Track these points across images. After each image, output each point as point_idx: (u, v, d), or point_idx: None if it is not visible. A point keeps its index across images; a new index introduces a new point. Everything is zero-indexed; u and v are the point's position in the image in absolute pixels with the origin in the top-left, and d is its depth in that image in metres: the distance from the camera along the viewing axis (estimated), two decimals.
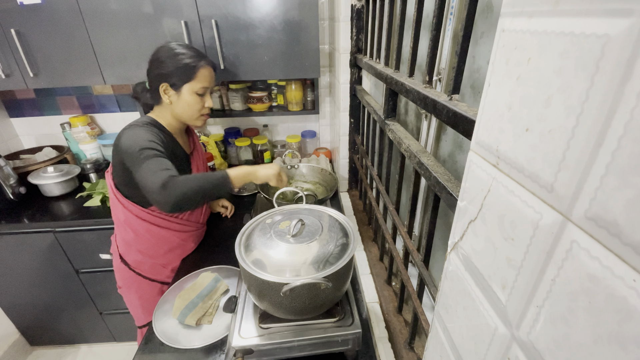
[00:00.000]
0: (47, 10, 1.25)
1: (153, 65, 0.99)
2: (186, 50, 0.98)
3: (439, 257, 0.96)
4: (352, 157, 1.53)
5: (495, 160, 0.30)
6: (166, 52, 0.97)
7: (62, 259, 1.48)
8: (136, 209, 1.05)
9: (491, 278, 0.32)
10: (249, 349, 0.68)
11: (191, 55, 0.98)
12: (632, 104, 0.17)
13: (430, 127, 0.95)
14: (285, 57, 1.38)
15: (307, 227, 0.70)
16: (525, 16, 0.25)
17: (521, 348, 0.28)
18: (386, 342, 0.86)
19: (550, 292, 0.24)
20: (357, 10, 1.19)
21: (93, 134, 1.78)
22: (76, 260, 1.50)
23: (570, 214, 0.22)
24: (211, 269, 1.09)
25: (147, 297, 1.18)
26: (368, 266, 1.14)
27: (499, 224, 0.30)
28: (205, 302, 0.92)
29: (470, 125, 0.44)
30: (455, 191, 0.51)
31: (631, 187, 0.18)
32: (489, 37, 0.68)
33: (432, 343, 0.49)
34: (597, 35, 0.19)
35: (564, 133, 0.22)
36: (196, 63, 0.97)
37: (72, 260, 1.50)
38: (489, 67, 0.31)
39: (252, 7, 1.28)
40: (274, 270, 0.63)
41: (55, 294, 1.59)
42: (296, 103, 1.67)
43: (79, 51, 1.33)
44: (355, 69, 1.30)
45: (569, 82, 0.21)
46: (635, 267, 0.18)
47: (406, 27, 0.86)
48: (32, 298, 1.60)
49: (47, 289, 1.58)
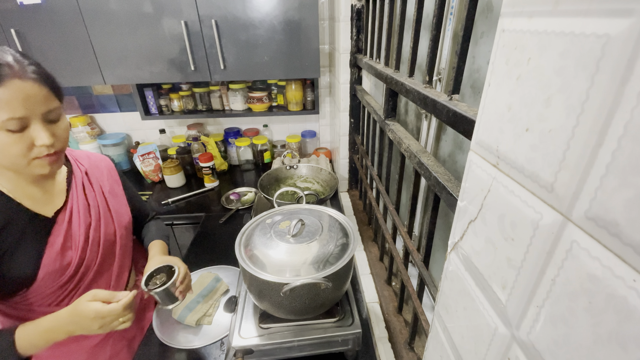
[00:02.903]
0: (47, 10, 1.25)
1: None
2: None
3: (439, 257, 0.96)
4: (352, 157, 1.53)
5: (495, 160, 0.30)
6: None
7: None
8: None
9: (491, 278, 0.32)
10: (249, 349, 0.68)
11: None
12: (632, 103, 0.17)
13: (430, 127, 0.95)
14: (285, 57, 1.38)
15: (307, 227, 0.70)
16: (525, 16, 0.25)
17: (521, 348, 0.28)
18: (386, 342, 0.86)
19: (551, 292, 0.24)
20: (357, 10, 1.18)
21: (93, 134, 1.78)
22: None
23: (570, 214, 0.22)
24: (211, 269, 1.09)
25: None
26: (368, 266, 1.14)
27: (499, 224, 0.30)
28: (205, 302, 0.92)
29: (470, 125, 0.44)
30: (455, 191, 0.51)
31: (631, 187, 0.18)
32: (489, 37, 0.68)
33: (432, 343, 0.49)
34: (597, 35, 0.19)
35: (564, 133, 0.22)
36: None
37: None
38: (489, 67, 0.31)
39: (252, 7, 1.28)
40: (274, 270, 0.63)
41: None
42: (296, 103, 1.67)
43: (79, 51, 1.33)
44: (355, 69, 1.30)
45: (569, 82, 0.21)
46: (635, 267, 0.18)
47: (406, 27, 0.86)
48: None
49: None
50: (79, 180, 0.80)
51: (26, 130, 0.61)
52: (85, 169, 0.83)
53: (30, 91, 0.59)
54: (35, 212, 0.71)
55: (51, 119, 0.64)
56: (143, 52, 1.34)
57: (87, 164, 0.85)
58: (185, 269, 0.80)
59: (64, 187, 0.77)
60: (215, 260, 1.13)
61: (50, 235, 0.72)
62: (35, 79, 0.60)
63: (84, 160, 0.85)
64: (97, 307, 0.64)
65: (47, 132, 0.63)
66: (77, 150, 0.86)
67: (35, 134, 0.62)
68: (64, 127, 0.67)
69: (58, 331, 0.65)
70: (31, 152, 0.63)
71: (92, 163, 0.86)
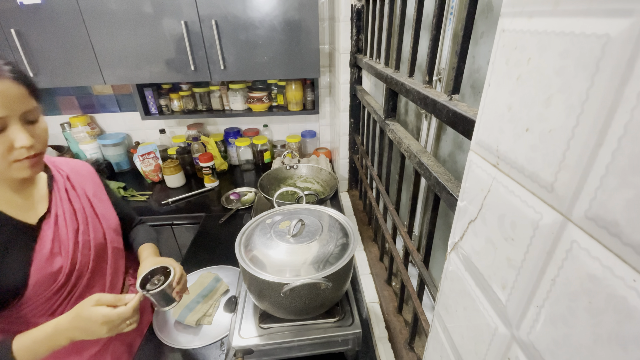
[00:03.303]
0: (47, 10, 1.25)
1: None
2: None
3: (439, 257, 0.96)
4: (352, 157, 1.53)
5: (495, 160, 0.30)
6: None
7: None
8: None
9: (491, 278, 0.32)
10: (249, 349, 0.68)
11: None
12: (632, 104, 0.17)
13: (430, 127, 0.95)
14: (285, 57, 1.38)
15: (307, 227, 0.70)
16: (525, 16, 0.25)
17: (521, 348, 0.28)
18: (386, 342, 0.86)
19: (551, 292, 0.24)
20: (357, 10, 1.18)
21: (93, 134, 1.78)
22: None
23: (570, 214, 0.22)
24: (211, 269, 1.09)
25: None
26: (368, 266, 1.14)
27: (499, 224, 0.30)
28: (205, 302, 0.92)
29: (470, 125, 0.44)
30: (455, 191, 0.51)
31: (631, 187, 0.18)
32: (489, 37, 0.68)
33: (432, 343, 0.49)
34: (597, 35, 0.19)
35: (564, 133, 0.22)
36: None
37: None
38: (489, 67, 0.31)
39: (252, 7, 1.28)
40: (274, 270, 0.63)
41: None
42: (296, 103, 1.67)
43: (79, 51, 1.33)
44: (355, 69, 1.30)
45: (569, 82, 0.21)
46: (635, 267, 0.18)
47: (406, 27, 0.86)
48: None
49: None
50: (61, 186, 0.78)
51: (4, 131, 0.59)
52: (67, 174, 0.81)
53: (7, 91, 0.58)
54: (18, 220, 0.69)
55: (30, 119, 0.63)
56: (143, 52, 1.34)
57: (68, 169, 0.83)
58: (180, 269, 0.79)
59: (45, 193, 0.75)
60: (215, 260, 1.13)
61: (37, 243, 0.70)
62: (12, 77, 0.59)
63: (64, 166, 0.83)
64: (105, 312, 0.62)
65: (26, 133, 0.61)
66: (55, 157, 0.84)
67: (14, 136, 0.60)
68: (43, 128, 0.65)
69: (60, 337, 0.64)
70: (11, 154, 0.61)
71: (73, 168, 0.84)
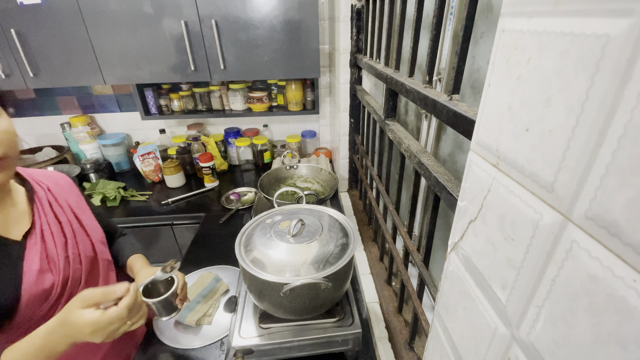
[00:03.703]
0: (47, 10, 1.25)
1: None
2: None
3: (439, 257, 0.96)
4: (352, 157, 1.53)
5: (495, 160, 0.30)
6: None
7: None
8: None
9: (491, 278, 0.32)
10: (249, 349, 0.68)
11: None
12: (632, 104, 0.17)
13: (430, 127, 0.95)
14: (285, 57, 1.38)
15: (307, 227, 0.70)
16: (525, 16, 0.25)
17: (521, 348, 0.28)
18: (386, 342, 0.86)
19: (551, 292, 0.24)
20: (357, 10, 1.18)
21: (93, 134, 1.78)
22: None
23: (570, 214, 0.22)
24: (211, 269, 1.09)
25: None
26: (368, 266, 1.14)
27: (499, 224, 0.30)
28: (205, 302, 0.92)
29: (470, 125, 0.44)
30: (455, 191, 0.51)
31: (631, 187, 0.18)
32: (489, 37, 0.68)
33: (432, 343, 0.49)
34: (597, 35, 0.19)
35: (564, 133, 0.22)
36: None
37: None
38: (489, 67, 0.31)
39: (252, 7, 1.28)
40: (274, 270, 0.63)
41: None
42: (296, 103, 1.67)
43: (79, 51, 1.33)
44: (355, 69, 1.30)
45: (569, 82, 0.21)
46: (635, 267, 0.18)
47: (406, 27, 0.86)
48: None
49: None
50: (43, 199, 0.74)
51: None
52: (47, 185, 0.77)
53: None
54: (1, 237, 0.64)
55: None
56: (143, 52, 1.34)
57: (48, 181, 0.79)
58: (182, 276, 0.78)
59: (25, 207, 0.70)
60: (215, 260, 1.13)
61: (25, 260, 0.66)
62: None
63: (43, 178, 0.79)
64: (92, 318, 0.55)
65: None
66: (31, 169, 0.81)
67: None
68: (3, 129, 0.59)
69: (55, 345, 0.58)
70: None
71: (52, 180, 0.80)
